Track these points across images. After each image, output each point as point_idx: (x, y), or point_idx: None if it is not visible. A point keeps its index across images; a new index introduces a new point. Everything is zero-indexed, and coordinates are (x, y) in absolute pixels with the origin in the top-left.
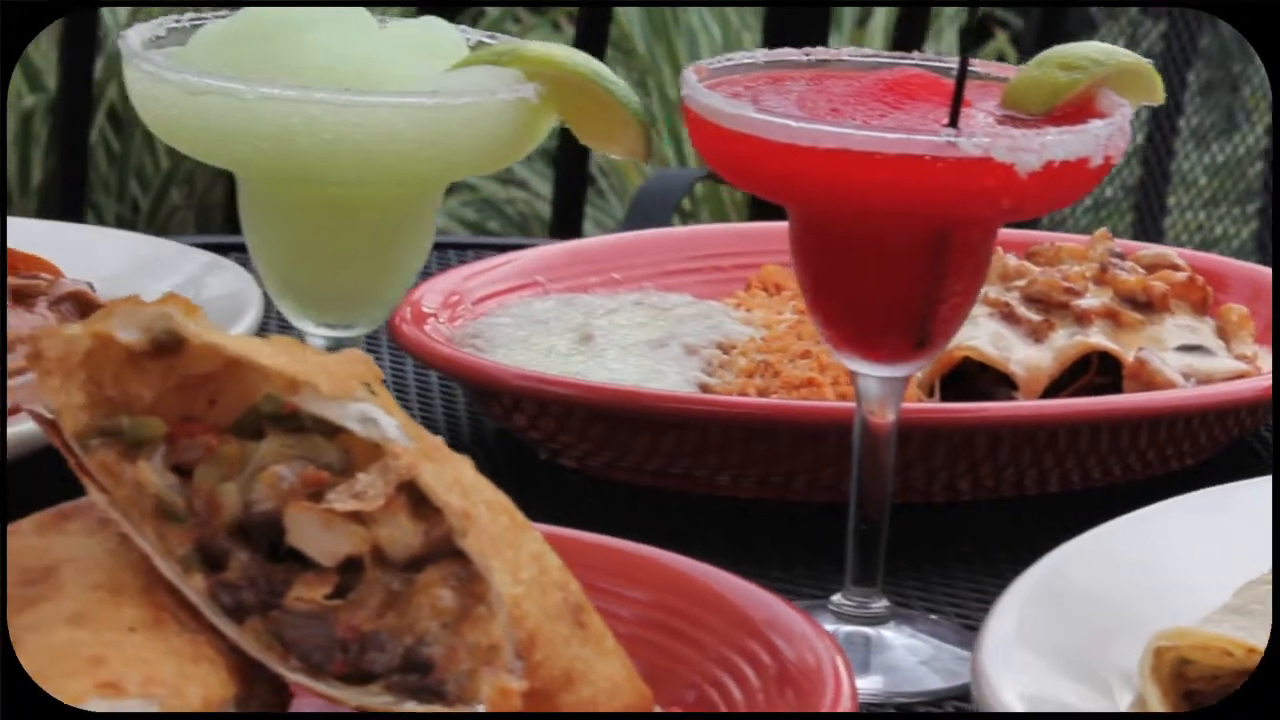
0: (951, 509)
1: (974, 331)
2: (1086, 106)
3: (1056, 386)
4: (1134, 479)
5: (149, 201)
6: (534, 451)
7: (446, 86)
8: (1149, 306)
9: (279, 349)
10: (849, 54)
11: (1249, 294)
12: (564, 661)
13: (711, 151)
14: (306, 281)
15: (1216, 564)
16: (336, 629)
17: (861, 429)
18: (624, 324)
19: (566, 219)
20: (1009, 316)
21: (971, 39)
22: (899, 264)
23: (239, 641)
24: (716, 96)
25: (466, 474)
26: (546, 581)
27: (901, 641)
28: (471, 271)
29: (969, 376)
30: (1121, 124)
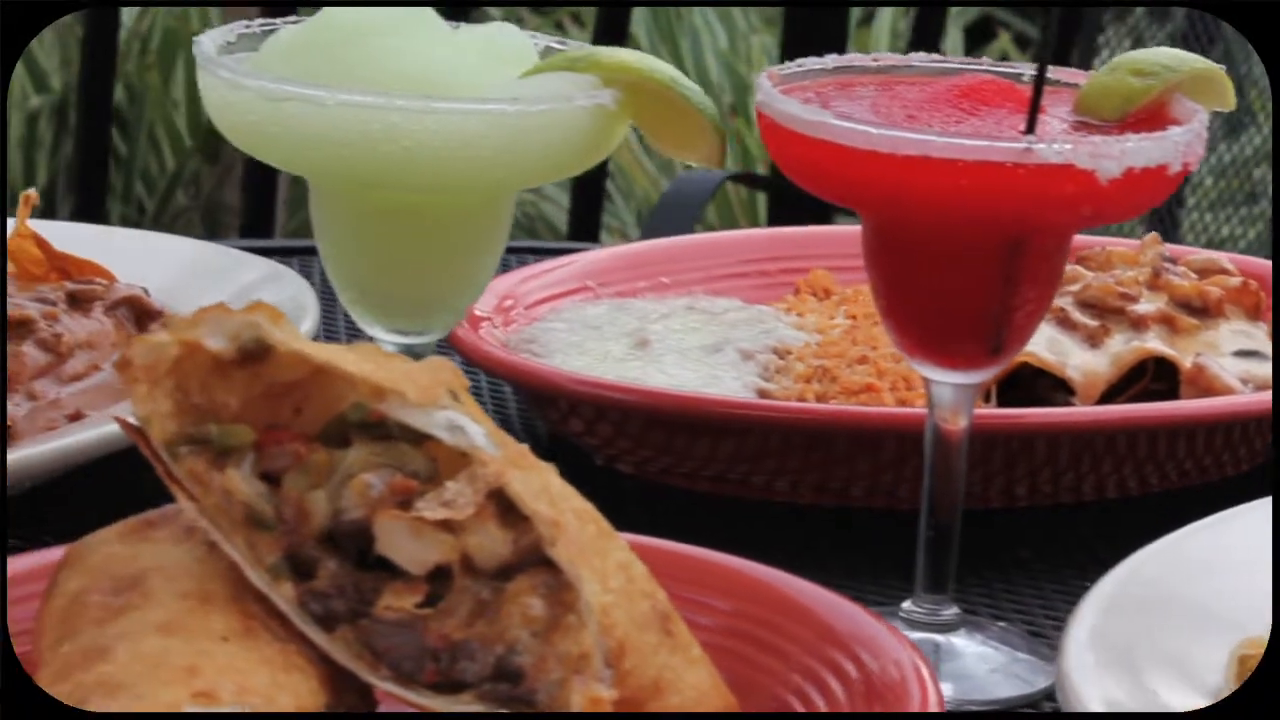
0: (1009, 515)
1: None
2: (1159, 113)
3: (1112, 392)
4: (1189, 484)
5: (154, 203)
6: (588, 457)
7: (525, 93)
8: (1204, 312)
9: (365, 357)
10: (918, 59)
11: None
12: (653, 670)
13: (787, 158)
14: (379, 288)
15: None
16: (427, 638)
17: (934, 436)
18: (678, 329)
19: (585, 225)
20: (1064, 322)
21: (1050, 44)
22: (975, 271)
23: (329, 651)
24: (793, 103)
25: (553, 482)
26: (634, 590)
27: (972, 649)
28: (524, 276)
29: (1025, 382)
30: (1199, 130)
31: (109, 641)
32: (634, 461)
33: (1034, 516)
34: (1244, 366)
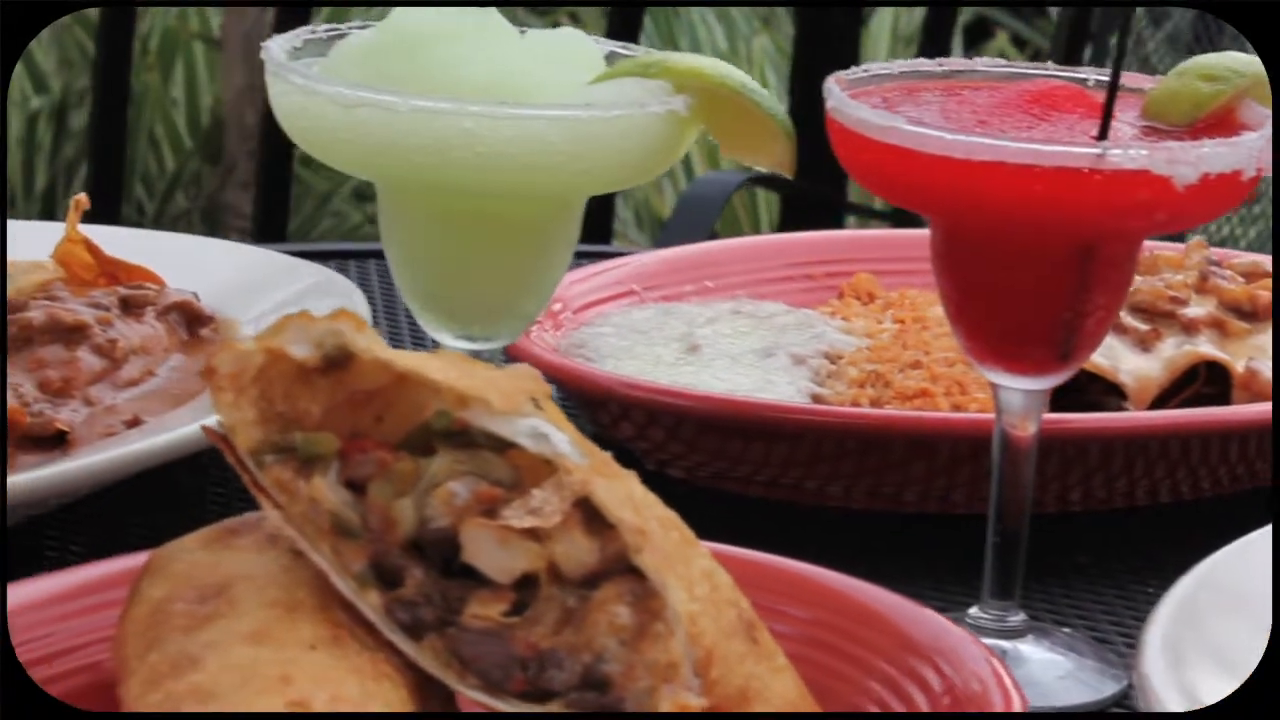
0: (1063, 520)
1: None
2: (1227, 118)
3: (1163, 396)
4: (1241, 489)
5: (154, 205)
6: (638, 462)
7: (597, 99)
8: (1253, 315)
9: (448, 364)
10: (983, 64)
11: None
12: (739, 679)
13: (858, 164)
14: (448, 294)
15: None
16: (514, 646)
17: (1002, 442)
18: (727, 333)
19: (599, 227)
20: (1116, 326)
21: (1124, 48)
22: (1046, 277)
23: (417, 659)
24: (865, 108)
25: (636, 489)
26: (719, 598)
27: (1039, 655)
28: (570, 280)
29: (1078, 386)
30: (1270, 134)
31: (198, 650)
32: (685, 466)
33: (1088, 522)
34: None
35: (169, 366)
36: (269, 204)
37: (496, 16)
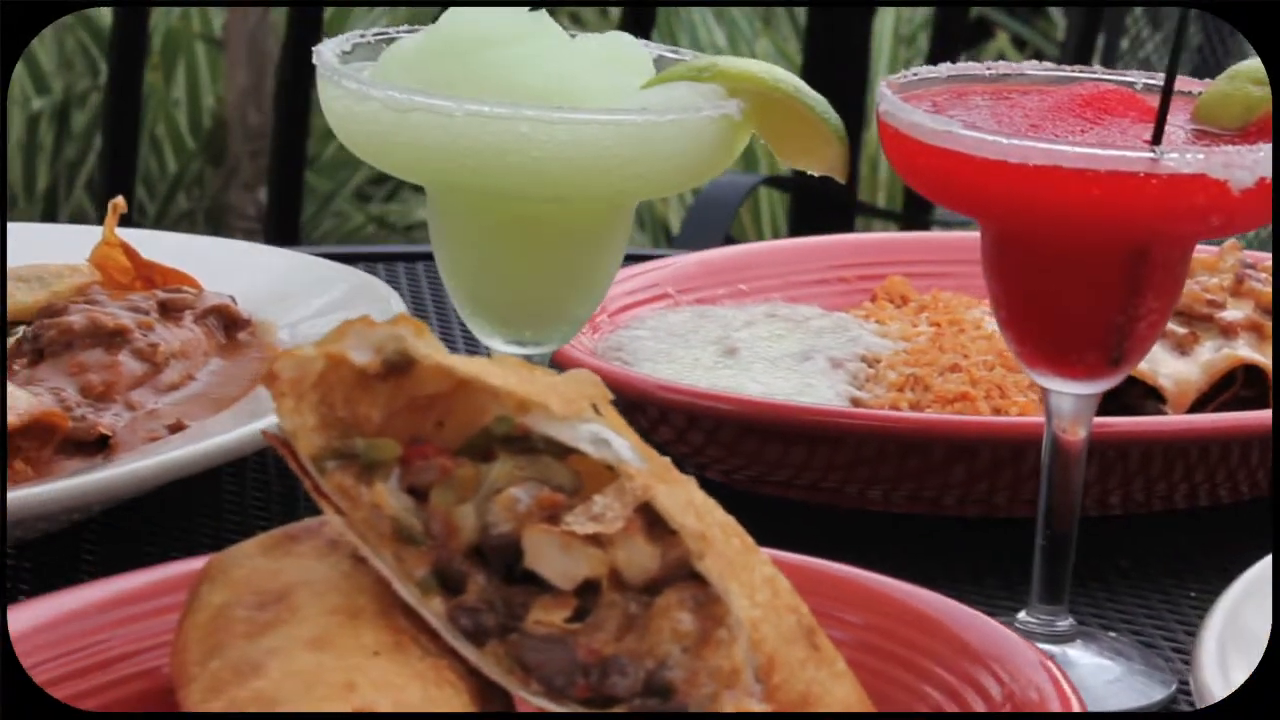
0: (1102, 523)
1: None
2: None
3: (1200, 399)
4: None
5: (156, 206)
6: (678, 466)
7: (651, 103)
8: None
9: (507, 370)
10: (1030, 68)
11: None
12: (801, 685)
13: (910, 167)
14: (499, 299)
15: None
16: (577, 653)
17: (1052, 446)
18: (764, 336)
19: None
20: None
21: (1179, 50)
22: (1098, 281)
23: (479, 665)
24: (918, 112)
25: (696, 495)
26: (780, 604)
27: (1088, 660)
28: None
29: (1115, 390)
30: None
31: (260, 657)
32: (724, 470)
33: (1127, 525)
34: None
35: (208, 370)
36: (281, 205)
37: (547, 20)
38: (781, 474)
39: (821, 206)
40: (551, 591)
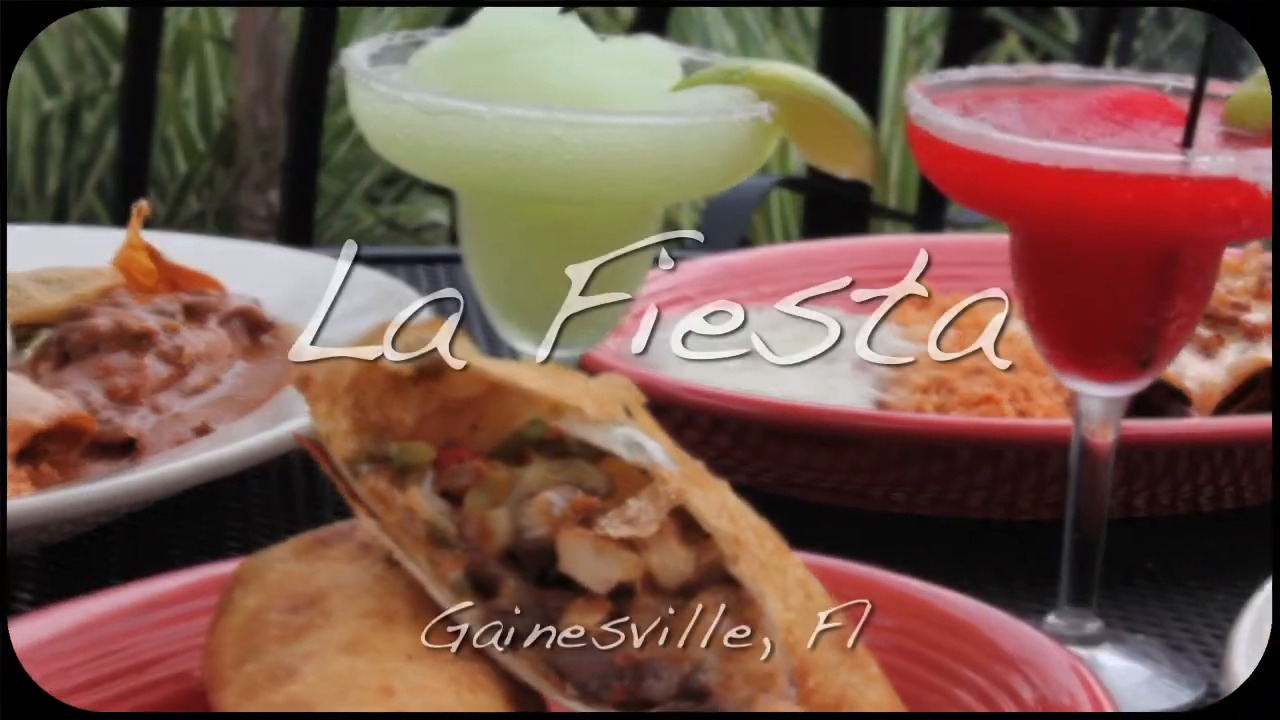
0: (1127, 525)
1: None
2: None
3: (1224, 402)
4: None
5: (166, 207)
6: None
7: (682, 106)
8: None
9: (540, 373)
10: (1058, 71)
11: None
12: (835, 688)
13: (941, 170)
14: (530, 302)
15: None
16: (611, 657)
17: (1080, 449)
18: (787, 339)
19: None
20: None
21: (1209, 54)
22: (1128, 283)
23: (513, 669)
24: (950, 115)
25: (729, 499)
26: (813, 607)
27: (1116, 663)
28: None
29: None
30: None
31: (294, 661)
32: (749, 472)
33: (1151, 527)
34: None
35: (233, 373)
36: (294, 207)
37: (576, 22)
38: (806, 476)
39: (835, 208)
40: (585, 595)
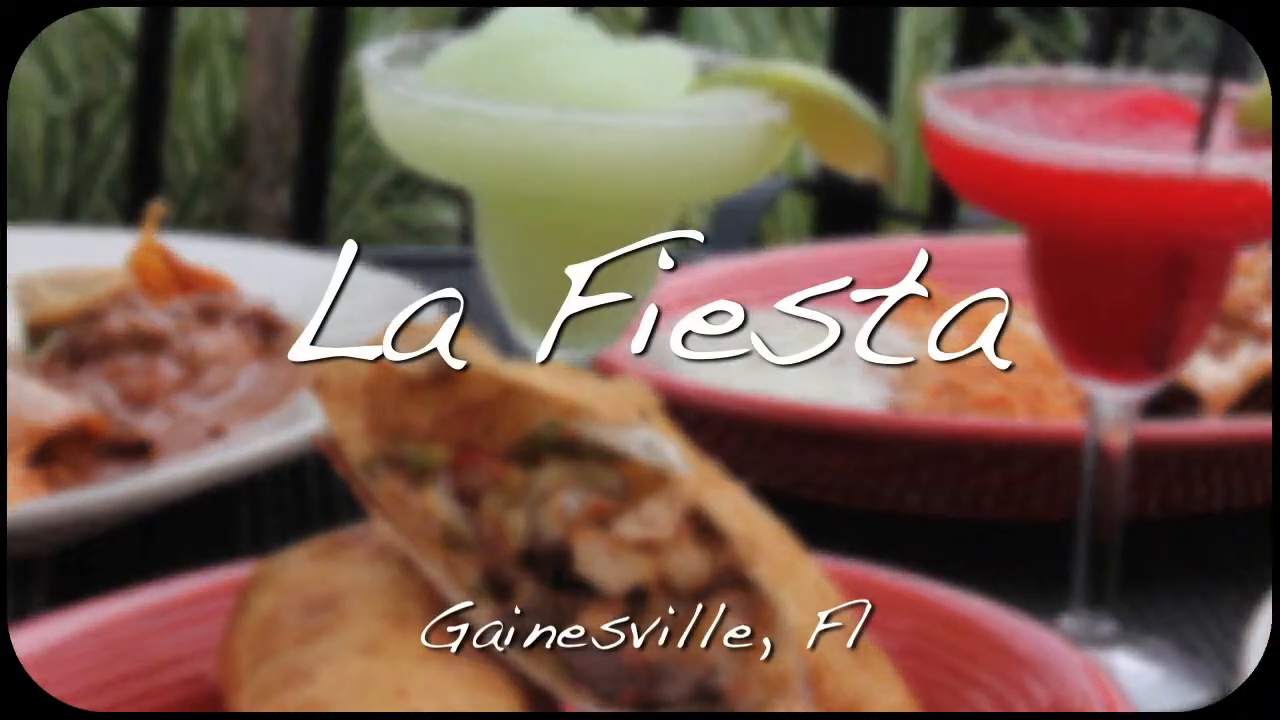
0: (1140, 528)
1: None
2: None
3: (1237, 404)
4: None
5: (175, 209)
6: None
7: (696, 107)
8: None
9: (555, 375)
10: (1071, 73)
11: None
12: (851, 692)
13: (956, 172)
14: (545, 304)
15: None
16: (626, 659)
17: (1094, 451)
18: (794, 341)
19: None
20: None
21: (1223, 55)
22: (1142, 285)
23: (528, 671)
24: (965, 117)
25: (745, 501)
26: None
27: (1131, 666)
28: None
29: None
30: None
31: (310, 663)
32: (762, 474)
33: (1162, 529)
34: None
35: (247, 375)
36: (305, 208)
37: (590, 24)
38: (818, 478)
39: (844, 210)
40: (600, 597)
